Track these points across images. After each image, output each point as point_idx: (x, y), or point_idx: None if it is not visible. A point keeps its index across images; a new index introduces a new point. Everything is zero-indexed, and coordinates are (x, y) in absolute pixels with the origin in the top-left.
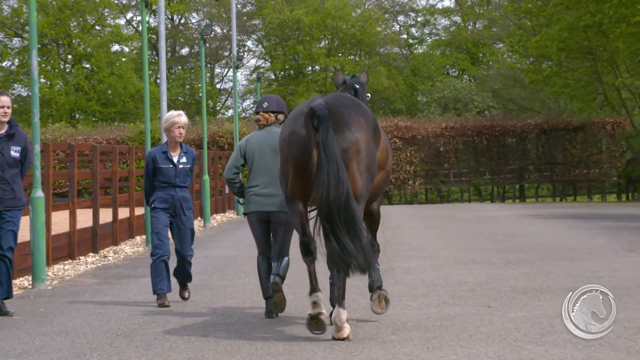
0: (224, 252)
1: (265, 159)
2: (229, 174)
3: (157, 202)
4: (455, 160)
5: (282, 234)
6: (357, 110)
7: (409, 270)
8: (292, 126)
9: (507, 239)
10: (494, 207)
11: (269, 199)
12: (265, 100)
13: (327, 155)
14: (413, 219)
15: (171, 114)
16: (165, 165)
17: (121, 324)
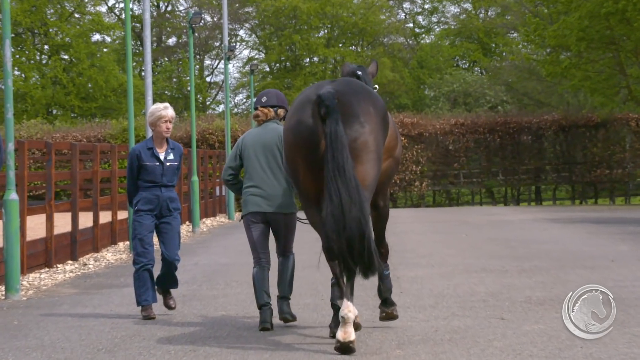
0: (214, 260)
1: (259, 157)
2: (225, 175)
3: (142, 203)
4: (466, 159)
5: (284, 236)
6: (367, 98)
7: (416, 279)
8: (299, 115)
9: (521, 245)
10: (507, 210)
11: (265, 200)
12: (264, 94)
13: (333, 149)
14: (420, 224)
15: (157, 106)
16: (151, 162)
17: (102, 337)
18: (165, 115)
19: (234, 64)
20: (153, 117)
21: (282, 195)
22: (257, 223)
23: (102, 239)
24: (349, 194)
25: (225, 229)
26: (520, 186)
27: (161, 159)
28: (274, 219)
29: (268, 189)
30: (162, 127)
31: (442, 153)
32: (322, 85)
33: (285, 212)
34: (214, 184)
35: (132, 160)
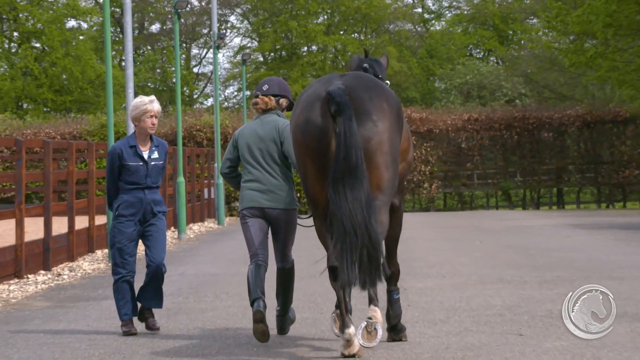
0: (202, 269)
1: (254, 151)
2: (223, 168)
3: (123, 207)
4: (480, 159)
5: (284, 236)
6: (380, 94)
7: (425, 291)
8: (307, 113)
9: (542, 254)
10: (526, 215)
11: (263, 195)
12: (265, 82)
13: (346, 148)
14: (429, 230)
15: (141, 100)
16: (134, 162)
17: (78, 356)
18: (151, 109)
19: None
20: (137, 112)
21: (282, 190)
22: (254, 217)
23: (78, 247)
24: (354, 197)
25: (214, 236)
26: (541, 188)
27: (145, 158)
28: (273, 215)
29: (266, 184)
30: (147, 123)
31: (453, 152)
32: (331, 80)
33: (286, 208)
34: (202, 186)
35: (112, 159)
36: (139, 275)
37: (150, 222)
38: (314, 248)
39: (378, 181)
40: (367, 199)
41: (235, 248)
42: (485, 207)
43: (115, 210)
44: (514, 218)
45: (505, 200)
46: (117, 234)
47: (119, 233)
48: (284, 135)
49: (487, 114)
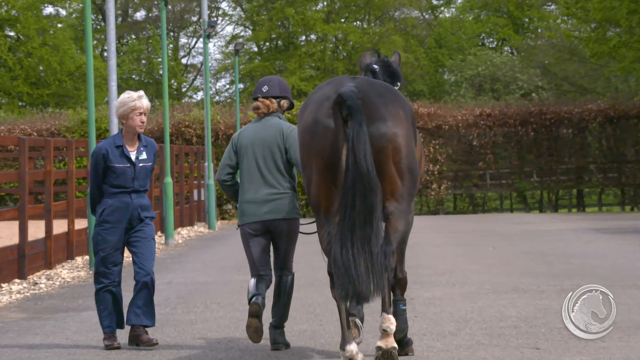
0: (191, 278)
1: (257, 157)
2: (221, 175)
3: (108, 212)
4: (493, 157)
5: (285, 246)
6: (394, 100)
7: (433, 301)
8: (315, 113)
9: (561, 260)
10: (543, 218)
11: (265, 206)
12: (265, 83)
13: (356, 154)
14: (438, 234)
15: (129, 95)
16: (121, 164)
17: None
18: (140, 106)
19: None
20: (125, 109)
21: (284, 199)
22: (256, 236)
23: (56, 253)
24: (364, 206)
25: (204, 241)
26: (559, 189)
27: (132, 159)
28: (274, 226)
29: (267, 194)
30: (136, 121)
31: (464, 149)
32: (342, 82)
33: (287, 218)
34: (191, 187)
35: (97, 160)
36: (124, 284)
37: (137, 229)
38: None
39: (392, 189)
40: (376, 209)
41: (227, 254)
42: (498, 209)
43: (98, 216)
44: (530, 222)
45: (521, 203)
46: (101, 242)
47: (103, 241)
48: (289, 141)
49: (500, 108)
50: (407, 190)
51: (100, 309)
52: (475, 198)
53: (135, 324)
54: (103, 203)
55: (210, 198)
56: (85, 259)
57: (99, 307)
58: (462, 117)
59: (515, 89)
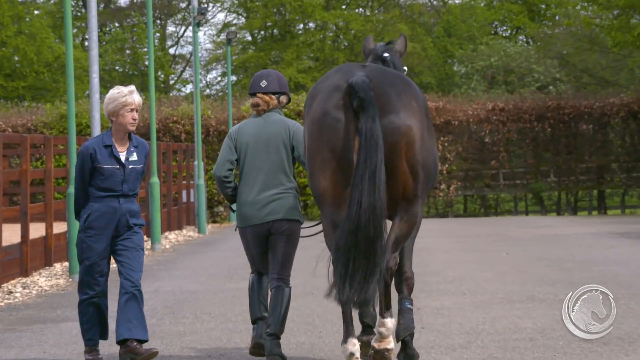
0: (180, 286)
1: (260, 155)
2: (222, 170)
3: (93, 218)
4: (507, 155)
5: (283, 249)
6: (407, 90)
7: (441, 311)
8: (325, 104)
9: (580, 267)
10: (561, 221)
11: (266, 207)
12: (262, 77)
13: (367, 149)
14: (447, 239)
15: (119, 91)
16: (110, 165)
17: None
18: (131, 102)
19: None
20: (114, 105)
21: (286, 199)
22: (258, 238)
23: (33, 259)
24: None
25: (194, 246)
26: (579, 190)
27: (122, 160)
28: (275, 227)
29: (269, 195)
30: (127, 118)
31: (475, 147)
32: (351, 70)
33: (288, 218)
34: (179, 188)
35: (83, 161)
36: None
37: (124, 236)
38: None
39: (405, 189)
40: (380, 209)
41: (218, 261)
42: (512, 212)
43: (83, 222)
44: (546, 225)
45: (537, 205)
46: (86, 250)
47: (89, 249)
48: (297, 139)
49: (515, 102)
50: (419, 189)
51: (83, 320)
52: (487, 200)
53: (129, 337)
54: (88, 207)
55: (201, 199)
56: (65, 265)
57: (82, 318)
58: (473, 111)
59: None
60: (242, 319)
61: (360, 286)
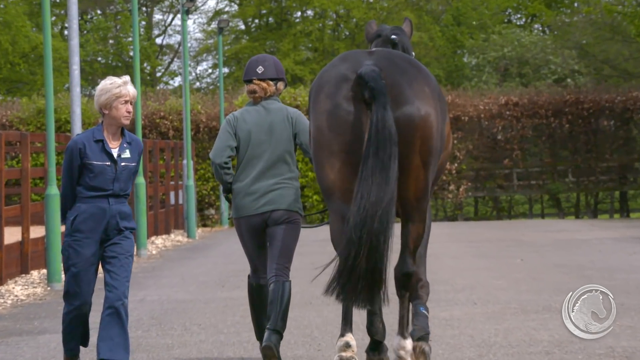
0: (167, 295)
1: (262, 144)
2: (221, 157)
3: (80, 220)
4: (521, 154)
5: (282, 238)
6: (419, 76)
7: (451, 322)
8: (334, 96)
9: (601, 275)
10: (580, 225)
11: (263, 197)
12: (258, 62)
13: (378, 142)
14: (456, 244)
15: (112, 81)
16: (100, 161)
17: None
18: (126, 93)
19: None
20: (108, 96)
21: (287, 189)
22: (254, 231)
23: (8, 266)
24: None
25: (182, 252)
26: (599, 191)
27: (114, 156)
28: (273, 219)
29: (269, 185)
30: (121, 111)
31: (487, 144)
32: (359, 59)
33: (288, 209)
34: (167, 189)
35: (71, 156)
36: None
37: (113, 241)
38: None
39: (417, 185)
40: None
41: (209, 267)
42: (527, 215)
43: (69, 224)
44: (564, 229)
45: (554, 207)
46: (73, 255)
47: (76, 254)
48: (299, 127)
49: (530, 96)
50: (429, 185)
51: (65, 331)
52: (499, 201)
53: (110, 359)
54: (75, 209)
55: (190, 202)
56: (43, 273)
57: (65, 329)
58: (484, 106)
59: (547, 73)
60: (235, 330)
61: (360, 286)
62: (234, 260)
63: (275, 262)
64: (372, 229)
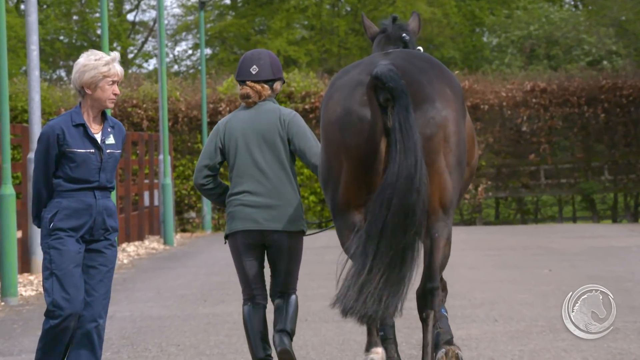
0: (141, 311)
1: (253, 150)
2: (198, 177)
3: (62, 217)
4: (549, 148)
5: (287, 265)
6: (440, 76)
7: (468, 342)
8: (346, 102)
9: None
10: (618, 230)
11: (264, 212)
12: (252, 62)
13: (405, 147)
14: (474, 252)
15: (97, 57)
16: (83, 149)
17: None
18: (114, 73)
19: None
20: (93, 74)
21: (288, 204)
22: (250, 248)
23: None
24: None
25: (158, 261)
26: (639, 192)
27: (98, 142)
28: (273, 240)
29: (268, 196)
30: (108, 93)
31: (510, 137)
32: (373, 62)
33: (292, 231)
34: (140, 188)
35: (48, 145)
36: None
37: (94, 247)
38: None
39: (441, 194)
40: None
41: (189, 279)
42: (556, 219)
43: (48, 223)
44: (599, 235)
45: (587, 209)
46: (56, 257)
47: (59, 254)
48: (292, 129)
49: (560, 82)
50: (455, 192)
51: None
52: (524, 203)
53: None
54: (53, 205)
55: (167, 203)
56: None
57: (44, 349)
58: (507, 93)
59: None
60: (219, 352)
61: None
62: (218, 270)
63: (279, 292)
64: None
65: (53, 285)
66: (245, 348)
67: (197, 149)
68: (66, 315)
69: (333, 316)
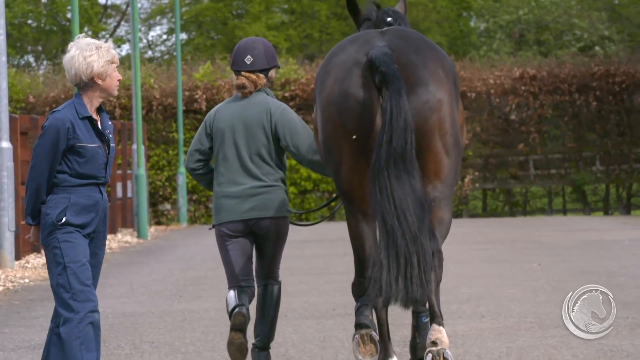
0: (113, 307)
1: (239, 141)
2: (190, 161)
3: (73, 212)
4: (539, 137)
5: (272, 251)
6: (433, 56)
7: (454, 339)
8: (343, 83)
9: (635, 283)
10: (610, 223)
11: (248, 201)
12: (247, 52)
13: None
14: (461, 246)
15: (99, 45)
16: (92, 143)
17: None
18: (117, 57)
19: None
20: (103, 63)
21: (271, 193)
22: (236, 238)
23: None
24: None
25: (131, 255)
26: (632, 182)
27: (104, 136)
28: (259, 227)
29: (251, 187)
30: (115, 79)
31: (498, 126)
32: (369, 40)
33: (276, 216)
34: (113, 179)
35: (58, 139)
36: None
37: (94, 245)
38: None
39: (437, 169)
40: (417, 195)
41: (164, 274)
42: (546, 211)
43: (55, 218)
44: (591, 228)
45: (578, 201)
46: (69, 250)
47: (72, 247)
48: (282, 127)
49: (550, 68)
50: (453, 170)
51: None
52: (513, 195)
53: None
54: (59, 200)
55: (141, 195)
56: None
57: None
58: (495, 80)
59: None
60: (195, 349)
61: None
62: (194, 265)
63: (264, 275)
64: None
65: (70, 281)
66: (222, 345)
67: (172, 138)
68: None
69: (313, 312)
